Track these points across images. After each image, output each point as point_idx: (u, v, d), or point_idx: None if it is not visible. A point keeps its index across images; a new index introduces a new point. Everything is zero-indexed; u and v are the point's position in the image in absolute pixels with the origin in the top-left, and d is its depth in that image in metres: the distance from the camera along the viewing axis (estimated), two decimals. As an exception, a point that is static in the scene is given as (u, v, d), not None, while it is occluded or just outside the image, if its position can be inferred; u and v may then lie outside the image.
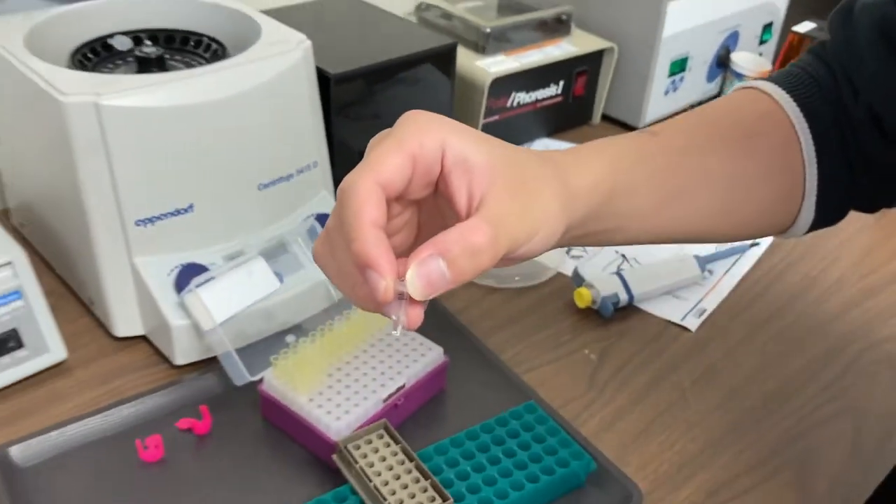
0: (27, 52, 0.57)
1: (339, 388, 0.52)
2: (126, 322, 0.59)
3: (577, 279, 0.66)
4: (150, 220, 0.55)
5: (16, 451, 0.49)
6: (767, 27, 1.03)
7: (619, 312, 0.65)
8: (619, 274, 0.66)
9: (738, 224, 0.48)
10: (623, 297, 0.65)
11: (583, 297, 0.65)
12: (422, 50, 0.73)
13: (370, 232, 0.32)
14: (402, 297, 0.33)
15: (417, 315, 0.33)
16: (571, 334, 0.63)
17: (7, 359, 0.54)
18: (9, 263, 0.54)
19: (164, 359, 0.58)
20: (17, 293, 0.55)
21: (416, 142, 0.34)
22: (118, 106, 0.52)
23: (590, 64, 0.90)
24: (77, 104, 0.52)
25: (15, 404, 0.54)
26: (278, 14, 0.70)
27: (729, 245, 0.73)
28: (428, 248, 0.32)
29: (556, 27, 0.89)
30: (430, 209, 0.37)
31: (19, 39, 0.58)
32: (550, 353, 0.61)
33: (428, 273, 0.32)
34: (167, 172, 0.55)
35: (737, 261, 0.72)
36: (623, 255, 0.72)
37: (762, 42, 1.04)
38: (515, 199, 0.35)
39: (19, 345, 0.55)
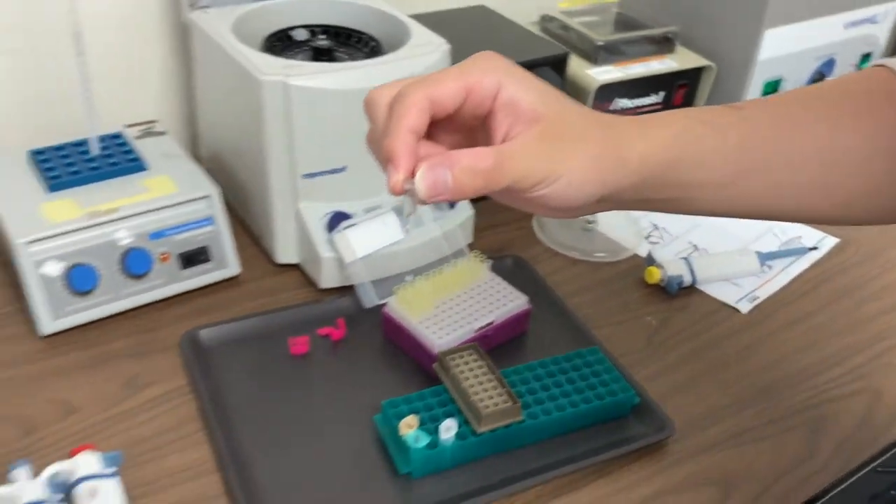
0: (234, 38, 0.74)
1: (443, 317, 0.66)
2: (285, 252, 0.75)
3: (650, 260, 0.78)
4: (314, 175, 0.72)
5: (203, 334, 0.67)
6: (866, 56, 1.10)
7: (682, 291, 0.77)
8: (686, 259, 0.78)
9: (839, 205, 0.46)
10: (687, 278, 0.77)
11: (652, 275, 0.77)
12: (539, 57, 0.87)
13: (404, 134, 0.38)
14: (411, 194, 0.38)
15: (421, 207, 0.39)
16: (638, 304, 0.75)
17: (199, 268, 0.72)
18: (207, 196, 0.72)
19: (311, 283, 0.74)
20: (210, 220, 0.72)
21: (476, 76, 0.39)
22: (301, 86, 0.68)
23: (689, 79, 1.01)
24: (271, 82, 0.68)
25: (202, 302, 0.72)
26: (423, 19, 0.85)
27: (789, 247, 0.83)
28: (440, 157, 0.37)
29: (663, 44, 1.01)
30: (473, 144, 0.42)
31: (228, 27, 0.76)
32: (618, 316, 0.74)
33: (434, 177, 0.37)
34: (330, 140, 0.71)
35: (795, 261, 0.82)
36: (694, 245, 0.84)
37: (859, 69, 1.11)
38: (543, 143, 0.38)
39: (207, 259, 0.72)
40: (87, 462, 0.54)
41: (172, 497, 0.55)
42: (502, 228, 0.84)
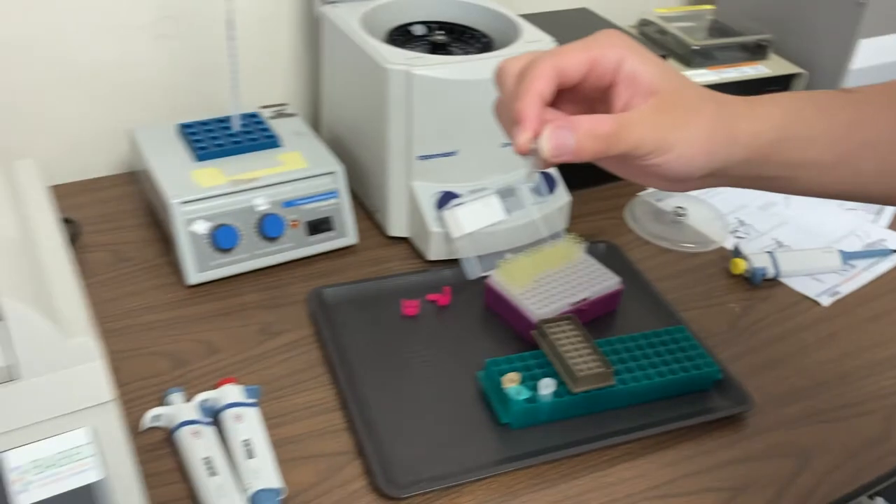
0: (362, 30, 0.82)
1: (541, 291, 0.73)
2: (397, 226, 0.83)
3: (736, 252, 0.83)
4: (428, 157, 0.79)
5: (327, 292, 0.75)
6: (961, 70, 1.12)
7: (766, 283, 0.81)
8: (770, 253, 0.82)
9: None
10: (771, 271, 0.81)
11: (737, 266, 0.81)
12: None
13: (533, 98, 0.40)
14: (535, 153, 0.40)
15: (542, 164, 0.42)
16: (722, 291, 0.80)
17: (322, 236, 0.80)
18: (333, 172, 0.80)
19: (419, 255, 0.81)
20: (334, 193, 0.80)
21: (600, 50, 0.42)
22: (423, 75, 0.75)
23: (781, 85, 1.04)
24: (396, 71, 0.76)
25: (324, 266, 0.80)
26: (529, 19, 0.91)
27: (873, 248, 0.86)
28: (564, 121, 0.40)
29: (756, 51, 1.05)
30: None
31: (356, 20, 0.84)
32: (703, 302, 0.79)
33: (558, 138, 0.40)
34: (445, 125, 0.78)
35: (878, 262, 0.85)
36: (779, 242, 0.88)
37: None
38: (658, 115, 0.41)
39: (330, 228, 0.80)
40: (231, 392, 0.62)
41: (302, 428, 0.63)
42: (596, 216, 0.89)
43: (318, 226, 0.80)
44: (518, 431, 0.64)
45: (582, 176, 0.88)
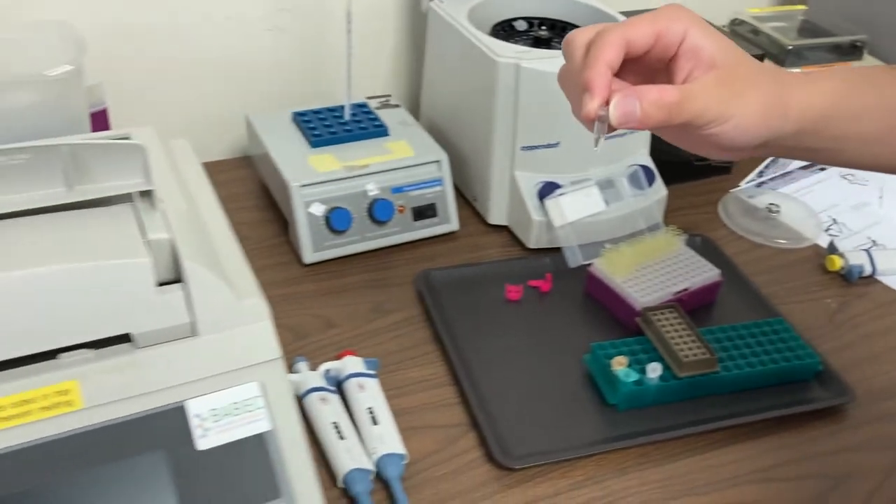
0: (469, 23, 0.85)
1: (643, 280, 0.75)
2: (497, 214, 0.86)
3: (832, 248, 0.84)
4: (531, 148, 0.82)
5: (433, 275, 0.78)
6: None
7: (861, 280, 0.82)
8: (867, 251, 0.83)
9: None
10: (867, 268, 0.82)
11: (834, 263, 0.82)
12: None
13: (602, 67, 0.42)
14: (603, 120, 0.42)
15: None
16: (818, 287, 0.81)
17: (426, 221, 0.83)
18: (438, 161, 0.83)
19: (518, 243, 0.84)
20: (439, 181, 0.84)
21: (665, 23, 0.43)
22: (531, 68, 0.78)
23: (875, 86, 1.04)
24: (506, 64, 0.79)
25: (426, 251, 0.83)
26: (629, 15, 0.94)
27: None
28: (631, 90, 0.42)
29: (850, 52, 1.05)
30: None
31: (464, 14, 0.87)
32: (799, 297, 0.80)
33: (625, 105, 0.42)
34: (549, 118, 0.81)
35: (977, 263, 0.85)
36: (873, 241, 0.88)
37: None
38: (719, 86, 0.43)
39: (434, 214, 0.84)
40: (353, 363, 0.66)
41: (417, 400, 0.66)
42: (689, 211, 0.91)
43: (423, 212, 0.83)
44: (623, 413, 0.66)
45: (675, 171, 0.90)
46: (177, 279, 0.46)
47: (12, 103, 0.63)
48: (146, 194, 0.47)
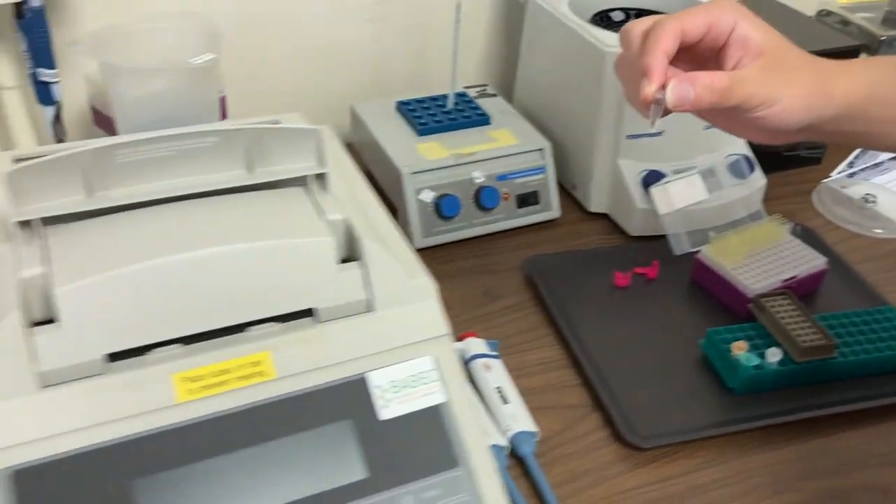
0: (570, 13, 0.87)
1: (752, 267, 0.76)
2: (598, 202, 0.87)
3: (932, 239, 0.84)
4: (636, 137, 0.83)
5: (542, 260, 0.80)
6: None
7: (964, 270, 0.83)
8: (969, 241, 0.83)
9: None
10: (970, 259, 0.82)
11: (935, 253, 0.83)
12: (832, 47, 0.94)
13: (660, 54, 0.46)
14: (659, 103, 0.46)
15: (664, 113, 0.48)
16: (921, 277, 0.82)
17: (529, 209, 0.85)
18: (541, 149, 0.85)
19: (619, 230, 0.86)
20: (542, 169, 0.85)
21: (717, 14, 0.47)
22: (638, 58, 0.79)
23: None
24: (613, 54, 0.80)
25: (529, 238, 0.85)
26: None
27: None
28: (685, 76, 0.46)
29: (940, 42, 1.05)
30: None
31: (565, 5, 0.88)
32: (902, 286, 0.81)
33: (680, 89, 0.46)
34: (653, 106, 0.82)
35: None
36: (972, 232, 0.89)
37: None
38: (766, 73, 0.47)
39: (537, 202, 0.85)
40: (476, 344, 0.68)
41: (538, 382, 0.68)
42: (783, 201, 0.92)
43: (527, 199, 0.85)
44: (741, 396, 0.67)
45: (765, 162, 0.91)
46: (351, 258, 0.48)
47: (155, 89, 0.65)
48: (320, 177, 0.49)
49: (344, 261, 0.47)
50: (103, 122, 0.81)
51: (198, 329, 0.44)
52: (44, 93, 0.70)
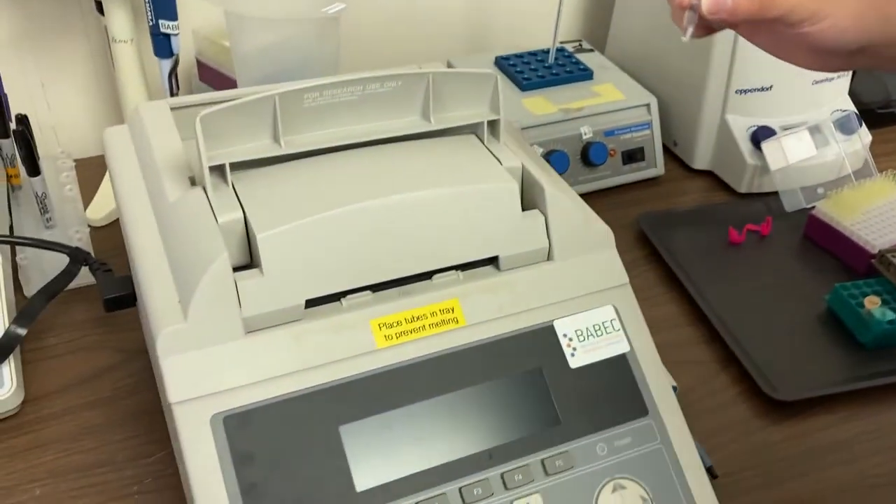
0: (674, -32, 0.85)
1: (870, 222, 0.75)
2: (702, 159, 0.86)
3: None
4: (745, 91, 0.82)
5: (656, 217, 0.78)
6: None
7: None
8: None
9: None
10: None
11: None
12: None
13: None
14: (694, 9, 0.43)
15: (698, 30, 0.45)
16: None
17: (634, 165, 0.84)
18: (647, 104, 0.84)
19: (724, 187, 0.85)
20: (647, 125, 0.84)
21: None
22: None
23: None
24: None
25: (634, 195, 0.84)
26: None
27: None
28: None
29: None
30: None
31: (667, -41, 0.86)
32: None
33: None
34: (764, 61, 0.80)
35: None
36: None
37: None
38: None
39: (642, 158, 0.84)
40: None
41: (664, 338, 0.64)
42: (886, 158, 0.90)
43: (633, 155, 0.84)
44: (872, 351, 0.67)
45: (863, 119, 0.89)
46: (528, 206, 0.47)
47: (280, 40, 0.64)
48: (491, 124, 0.48)
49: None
50: (209, 77, 0.80)
51: (390, 276, 0.43)
52: (163, 45, 0.68)
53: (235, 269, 0.41)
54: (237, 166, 0.44)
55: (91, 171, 0.81)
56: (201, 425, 0.39)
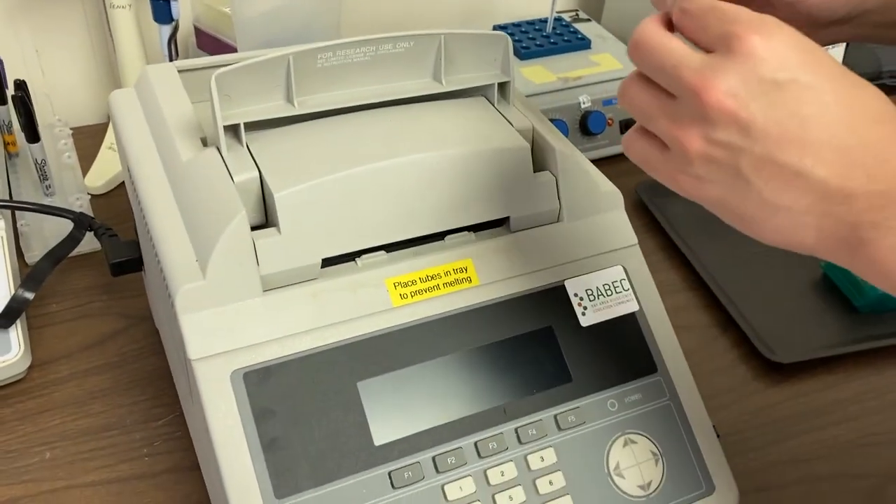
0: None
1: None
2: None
3: None
4: (742, 61, 0.82)
5: (651, 185, 0.79)
6: None
7: None
8: None
9: None
10: None
11: None
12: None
13: None
14: None
15: None
16: None
17: (632, 134, 0.84)
18: (644, 74, 0.84)
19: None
20: (645, 94, 0.84)
21: None
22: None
23: None
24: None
25: (630, 164, 0.84)
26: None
27: None
28: None
29: None
30: None
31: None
32: None
33: None
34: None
35: None
36: None
37: None
38: None
39: (639, 127, 0.85)
40: (604, 266, 0.68)
41: (666, 303, 0.68)
42: None
43: (630, 124, 0.84)
44: (867, 315, 0.68)
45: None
46: (538, 168, 0.47)
47: (283, 4, 0.64)
48: (501, 86, 0.49)
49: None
50: (207, 44, 0.80)
51: (404, 235, 0.44)
52: (163, 11, 0.68)
53: (252, 229, 0.41)
54: (251, 127, 0.44)
55: (88, 140, 0.80)
56: (221, 381, 0.39)
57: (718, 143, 0.33)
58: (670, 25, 0.36)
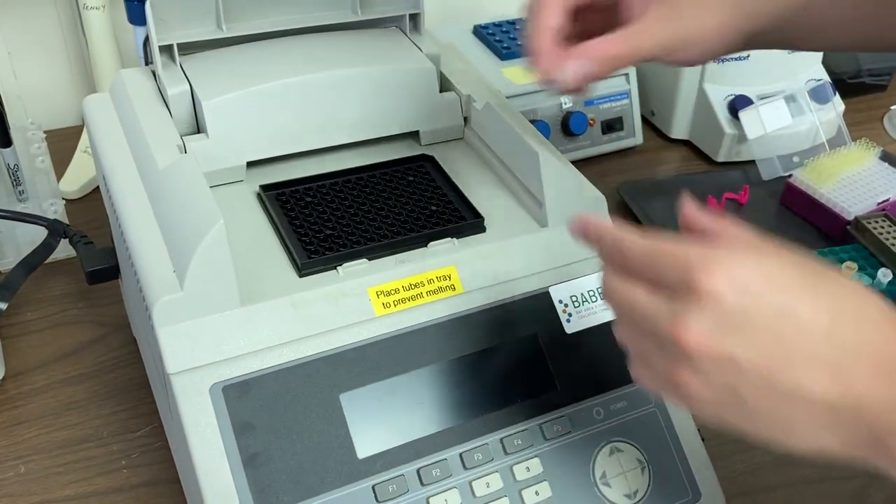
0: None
1: (845, 190, 0.76)
2: (679, 128, 0.87)
3: None
4: (722, 60, 0.82)
5: (636, 185, 0.79)
6: None
7: None
8: None
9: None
10: None
11: None
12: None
13: (543, 33, 0.41)
14: (558, 83, 0.41)
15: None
16: None
17: (613, 135, 0.84)
18: (626, 73, 0.84)
19: (701, 156, 0.85)
20: (626, 94, 0.84)
21: None
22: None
23: None
24: (705, -26, 0.79)
25: (612, 164, 0.84)
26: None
27: None
28: (578, 52, 0.41)
29: None
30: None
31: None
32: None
33: (578, 68, 0.40)
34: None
35: None
36: None
37: None
38: (664, 20, 0.41)
39: (621, 128, 0.84)
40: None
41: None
42: (855, 127, 0.92)
43: (611, 125, 0.84)
44: (848, 316, 0.68)
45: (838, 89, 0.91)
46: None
47: None
48: (413, 17, 0.55)
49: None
50: (183, 46, 0.78)
51: (320, 144, 0.50)
52: (138, 12, 0.66)
53: (183, 135, 0.47)
54: (185, 49, 0.50)
55: (62, 143, 0.79)
56: (200, 395, 0.38)
57: (712, 381, 0.32)
58: None
